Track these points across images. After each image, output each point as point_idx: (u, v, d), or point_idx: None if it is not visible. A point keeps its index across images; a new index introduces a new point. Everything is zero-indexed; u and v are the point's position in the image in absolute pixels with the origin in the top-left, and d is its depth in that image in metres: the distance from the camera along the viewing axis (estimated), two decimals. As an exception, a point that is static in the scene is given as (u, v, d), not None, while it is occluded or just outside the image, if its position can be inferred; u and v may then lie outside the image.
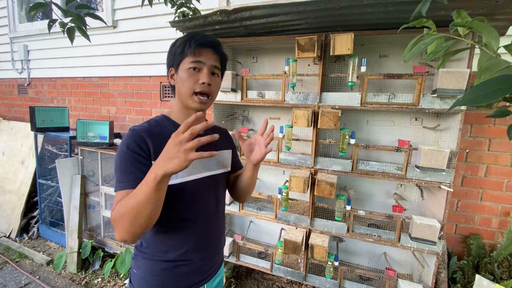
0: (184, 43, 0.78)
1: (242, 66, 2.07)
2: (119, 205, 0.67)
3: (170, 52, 0.83)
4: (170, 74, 0.84)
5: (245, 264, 1.98)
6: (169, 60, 0.83)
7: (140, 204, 0.63)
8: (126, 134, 0.76)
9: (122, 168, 0.72)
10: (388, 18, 1.35)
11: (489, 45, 0.53)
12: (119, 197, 0.69)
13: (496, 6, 1.13)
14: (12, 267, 2.34)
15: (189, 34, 0.81)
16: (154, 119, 0.83)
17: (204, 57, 0.79)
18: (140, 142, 0.73)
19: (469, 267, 1.73)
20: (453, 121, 1.47)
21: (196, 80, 0.78)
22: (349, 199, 1.63)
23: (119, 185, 0.71)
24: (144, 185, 0.62)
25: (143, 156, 0.73)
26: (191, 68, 0.78)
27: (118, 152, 0.74)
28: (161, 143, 0.70)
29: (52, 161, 2.71)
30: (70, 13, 1.15)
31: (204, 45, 0.79)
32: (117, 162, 0.73)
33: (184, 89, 0.79)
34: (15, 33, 3.47)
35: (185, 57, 0.78)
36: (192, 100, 0.79)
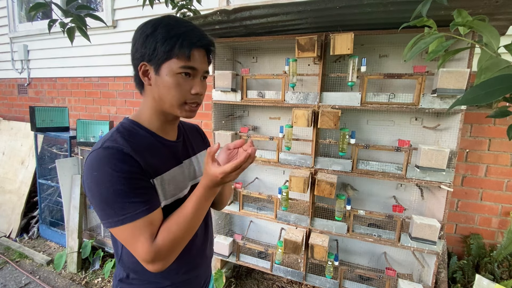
0: (174, 40, 0.63)
1: (242, 66, 2.07)
2: (165, 233, 0.61)
3: (146, 42, 0.64)
4: (142, 70, 0.66)
5: (245, 264, 1.98)
6: (143, 52, 0.65)
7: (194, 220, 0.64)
8: (100, 155, 0.60)
9: (127, 194, 0.59)
10: (388, 18, 1.35)
11: (490, 44, 0.53)
12: (140, 228, 0.59)
13: (496, 6, 1.13)
14: (12, 267, 2.34)
15: (175, 25, 0.64)
16: (123, 127, 0.68)
17: (198, 62, 0.66)
18: (130, 161, 0.61)
19: (469, 267, 1.73)
20: (453, 121, 1.47)
21: (188, 89, 0.66)
22: (349, 199, 1.63)
23: (134, 214, 0.59)
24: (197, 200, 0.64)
25: (141, 175, 0.62)
26: (181, 73, 0.64)
27: (105, 179, 0.58)
28: (147, 159, 0.65)
29: (52, 161, 2.71)
30: (71, 14, 1.15)
31: (200, 47, 0.66)
32: (113, 190, 0.58)
33: (170, 98, 0.65)
34: (15, 33, 3.47)
35: (173, 57, 0.63)
36: (180, 110, 0.68)
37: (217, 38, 1.82)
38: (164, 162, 0.71)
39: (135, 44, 0.67)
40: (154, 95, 0.67)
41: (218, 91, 1.81)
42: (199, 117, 2.52)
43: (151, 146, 0.69)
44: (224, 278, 2.00)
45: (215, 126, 1.94)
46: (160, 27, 0.63)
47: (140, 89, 0.72)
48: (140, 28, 0.66)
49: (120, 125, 0.69)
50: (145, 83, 0.68)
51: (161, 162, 0.69)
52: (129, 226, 0.59)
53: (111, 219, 0.59)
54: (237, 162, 0.59)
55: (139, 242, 0.59)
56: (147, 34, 0.64)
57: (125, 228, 0.59)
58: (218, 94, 1.84)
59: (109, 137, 0.64)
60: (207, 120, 2.49)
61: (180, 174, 0.75)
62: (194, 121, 2.58)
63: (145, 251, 0.59)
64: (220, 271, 2.03)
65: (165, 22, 0.64)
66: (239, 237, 1.98)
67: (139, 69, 0.67)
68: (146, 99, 0.71)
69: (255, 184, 2.17)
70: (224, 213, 2.05)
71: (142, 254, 0.59)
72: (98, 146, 0.62)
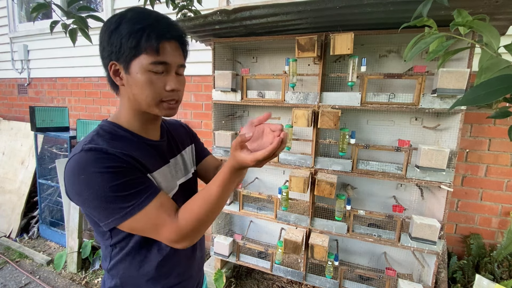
0: (140, 33, 0.57)
1: (242, 66, 2.07)
2: (186, 214, 0.60)
3: (111, 39, 0.59)
4: (112, 70, 0.62)
5: (245, 264, 1.98)
6: (109, 50, 0.60)
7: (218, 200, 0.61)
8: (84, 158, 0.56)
9: (124, 187, 0.56)
10: (388, 17, 1.35)
11: (490, 44, 0.53)
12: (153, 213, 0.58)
13: (496, 6, 1.13)
14: (12, 267, 2.34)
15: (142, 18, 0.58)
16: (103, 130, 0.64)
17: (170, 56, 0.60)
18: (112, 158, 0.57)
19: (469, 267, 1.73)
20: (453, 121, 1.47)
21: (161, 86, 0.61)
22: (349, 199, 1.63)
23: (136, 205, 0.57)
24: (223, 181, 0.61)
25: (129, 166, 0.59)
26: (152, 71, 0.59)
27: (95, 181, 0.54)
28: (133, 157, 0.61)
29: (52, 161, 2.71)
30: (72, 15, 1.15)
31: (170, 38, 0.60)
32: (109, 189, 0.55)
33: (145, 97, 0.61)
34: (15, 33, 3.47)
35: (142, 53, 0.58)
36: (158, 109, 0.63)
37: (217, 38, 1.82)
38: (152, 161, 0.68)
39: (101, 43, 0.62)
40: (129, 95, 0.63)
41: (218, 91, 1.81)
42: (199, 117, 2.52)
43: (137, 146, 0.66)
44: (224, 278, 2.00)
45: (215, 126, 1.94)
46: (124, 21, 0.58)
47: (114, 90, 0.67)
48: (104, 24, 0.61)
49: (99, 128, 0.65)
50: (118, 84, 0.63)
51: (149, 162, 0.66)
52: (139, 215, 0.57)
53: (117, 215, 0.56)
54: (270, 149, 0.54)
55: (159, 226, 0.58)
56: (111, 30, 0.59)
57: (135, 219, 0.57)
58: (218, 94, 1.84)
59: (89, 140, 0.60)
60: (207, 120, 2.48)
61: (168, 173, 0.73)
62: (194, 121, 2.60)
63: (170, 232, 0.58)
64: (220, 271, 2.03)
65: (129, 16, 0.59)
66: (239, 237, 1.98)
67: (109, 69, 0.62)
68: (122, 100, 0.66)
69: (255, 184, 2.17)
70: (224, 213, 2.05)
71: (167, 236, 0.58)
72: (78, 150, 0.58)
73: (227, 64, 2.02)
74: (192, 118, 2.55)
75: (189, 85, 2.47)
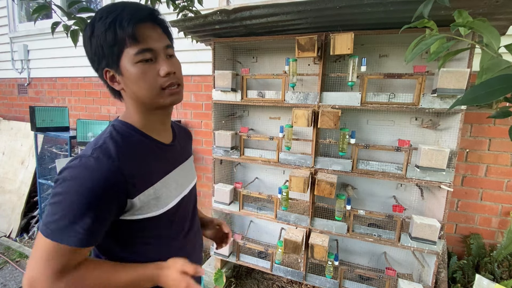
0: (113, 26, 0.55)
1: (242, 65, 2.07)
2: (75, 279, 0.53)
3: (93, 47, 0.58)
4: (108, 77, 0.61)
5: (245, 263, 1.98)
6: (97, 58, 0.59)
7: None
8: (86, 165, 0.54)
9: (80, 216, 0.52)
10: (388, 18, 1.35)
11: (490, 45, 0.53)
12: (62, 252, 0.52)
13: (496, 6, 1.13)
14: (12, 267, 2.34)
15: (108, 11, 0.56)
16: (116, 131, 0.62)
17: (151, 40, 0.58)
18: (113, 179, 0.55)
19: (469, 267, 1.74)
20: (453, 120, 1.47)
21: (155, 73, 0.59)
22: (349, 199, 1.63)
23: (69, 238, 0.52)
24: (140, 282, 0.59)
25: (116, 199, 0.56)
26: (140, 61, 0.57)
27: (74, 189, 0.52)
28: (141, 169, 0.60)
29: (52, 161, 2.71)
30: (73, 16, 1.15)
31: (142, 21, 0.57)
32: (70, 202, 0.52)
33: (144, 91, 0.59)
34: (15, 32, 3.47)
35: (124, 47, 0.56)
36: (162, 98, 0.61)
37: (217, 38, 1.82)
38: (160, 168, 0.67)
39: (87, 54, 0.61)
40: (131, 96, 0.62)
41: (218, 91, 1.81)
42: (199, 117, 2.52)
43: (146, 153, 0.64)
44: (224, 278, 2.00)
45: (215, 126, 1.94)
46: (95, 23, 0.57)
47: (117, 97, 0.66)
48: (84, 35, 0.60)
49: (113, 128, 0.63)
50: (118, 89, 0.63)
51: (156, 169, 0.66)
52: (53, 243, 0.51)
53: (45, 226, 0.52)
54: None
55: (46, 264, 0.51)
56: (89, 37, 0.58)
57: (47, 241, 0.51)
58: (218, 94, 1.84)
59: (101, 143, 0.58)
60: (207, 120, 2.49)
61: (174, 180, 0.71)
62: (194, 121, 2.59)
63: (42, 279, 0.50)
64: (220, 271, 2.03)
65: (98, 15, 0.57)
66: (239, 237, 1.98)
67: (105, 77, 0.61)
68: (128, 103, 0.65)
69: (255, 184, 2.17)
70: (224, 213, 2.05)
71: (36, 277, 0.51)
72: (88, 152, 0.56)
73: (227, 64, 2.02)
74: (192, 118, 2.55)
75: (189, 85, 2.47)
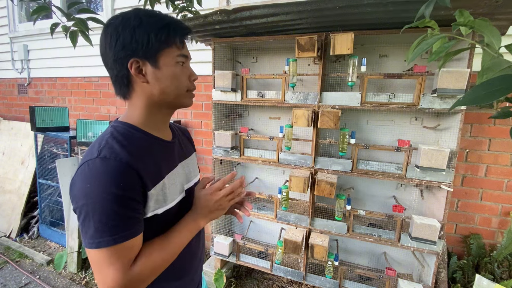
0: (167, 28, 0.61)
1: (242, 65, 2.07)
2: (144, 259, 0.59)
3: (137, 36, 0.59)
4: (134, 68, 0.60)
5: (245, 263, 1.98)
6: (133, 47, 0.59)
7: (178, 252, 0.64)
8: (97, 166, 0.55)
9: (114, 215, 0.54)
10: (388, 18, 1.35)
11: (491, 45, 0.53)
12: (118, 253, 0.55)
13: (496, 6, 1.13)
14: (12, 267, 2.34)
15: (158, 15, 0.63)
16: (117, 132, 0.62)
17: (187, 50, 0.68)
18: (128, 174, 0.56)
19: (469, 267, 1.74)
20: (453, 120, 1.47)
21: (187, 77, 0.67)
22: (349, 199, 1.63)
23: (116, 238, 0.54)
24: (184, 233, 0.66)
25: (137, 191, 0.57)
26: (179, 62, 0.65)
27: (96, 193, 0.53)
28: (148, 164, 0.61)
29: (52, 161, 2.71)
30: (73, 17, 1.15)
31: (187, 34, 0.67)
32: (100, 207, 0.53)
33: (174, 88, 0.65)
34: (15, 33, 3.47)
35: (168, 47, 0.62)
36: (185, 98, 0.69)
37: (217, 38, 1.82)
38: (164, 164, 0.68)
39: (117, 42, 0.59)
40: (153, 91, 0.63)
41: (218, 91, 1.81)
42: (199, 117, 2.52)
43: (150, 148, 0.65)
44: (224, 278, 2.00)
45: (215, 126, 1.94)
46: (144, 17, 0.60)
47: (124, 92, 0.65)
48: (119, 23, 0.60)
49: (113, 129, 0.63)
50: (139, 81, 0.62)
51: (161, 165, 0.67)
52: (105, 250, 0.54)
53: (91, 239, 0.54)
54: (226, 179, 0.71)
55: (111, 268, 0.54)
56: (134, 26, 0.59)
57: (102, 251, 0.54)
58: (218, 94, 1.84)
59: (104, 144, 0.58)
60: (207, 120, 2.48)
61: (178, 176, 0.73)
62: (194, 121, 2.59)
63: (117, 280, 0.54)
64: (220, 271, 2.03)
65: (144, 14, 0.61)
66: (239, 237, 1.98)
67: (129, 67, 0.60)
68: (139, 99, 0.65)
69: (255, 184, 2.17)
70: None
71: (110, 282, 0.54)
72: (94, 155, 0.56)
73: (227, 64, 2.02)
74: (192, 118, 2.55)
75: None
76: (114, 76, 0.64)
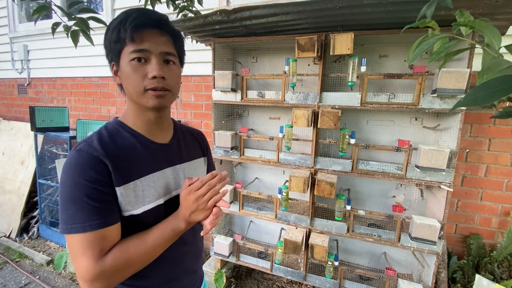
0: (118, 26, 0.60)
1: (242, 66, 2.07)
2: (119, 252, 0.58)
3: (105, 41, 0.65)
4: (113, 71, 0.67)
5: (245, 264, 1.98)
6: (107, 52, 0.66)
7: (156, 250, 0.62)
8: (72, 157, 0.58)
9: (83, 204, 0.56)
10: (388, 18, 1.35)
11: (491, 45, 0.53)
12: (90, 241, 0.55)
13: (496, 6, 1.13)
14: (12, 267, 2.34)
15: (124, 13, 0.62)
16: (106, 128, 0.67)
17: (149, 43, 0.61)
18: (97, 167, 0.58)
19: (469, 267, 1.74)
20: (453, 121, 1.47)
21: (143, 74, 0.62)
22: (349, 199, 1.63)
23: (86, 225, 0.55)
24: (166, 232, 0.63)
25: (105, 184, 0.59)
26: (133, 59, 0.61)
27: (68, 182, 0.57)
28: (121, 162, 0.62)
29: (52, 161, 2.71)
30: (74, 17, 1.15)
31: (145, 26, 0.61)
32: (70, 195, 0.56)
33: (131, 88, 0.63)
34: (15, 33, 3.47)
35: (124, 46, 0.61)
36: (145, 98, 0.63)
37: (217, 38, 1.82)
38: (144, 165, 0.66)
39: (104, 49, 0.67)
40: (126, 91, 0.67)
41: (218, 91, 1.81)
42: (199, 117, 2.52)
43: (131, 148, 0.66)
44: (224, 278, 2.00)
45: (215, 126, 1.94)
46: (112, 21, 0.63)
47: (122, 91, 0.70)
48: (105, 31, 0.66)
49: (104, 126, 0.68)
50: (118, 82, 0.68)
51: (139, 166, 0.65)
52: (77, 236, 0.55)
53: (63, 225, 0.56)
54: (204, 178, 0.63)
55: (83, 256, 0.55)
56: (106, 32, 0.65)
57: (73, 238, 0.56)
58: (218, 94, 1.84)
59: (86, 139, 0.63)
60: (207, 120, 2.48)
61: (161, 179, 0.69)
62: (194, 121, 2.59)
63: (88, 268, 0.55)
64: (220, 271, 2.03)
65: (116, 17, 0.63)
66: (239, 237, 1.98)
67: (111, 70, 0.68)
68: (127, 98, 0.69)
69: (255, 184, 2.17)
70: (224, 213, 2.05)
71: (83, 271, 0.55)
72: (74, 148, 0.61)
73: (227, 64, 2.02)
74: (192, 118, 2.55)
75: (189, 85, 2.47)
76: None
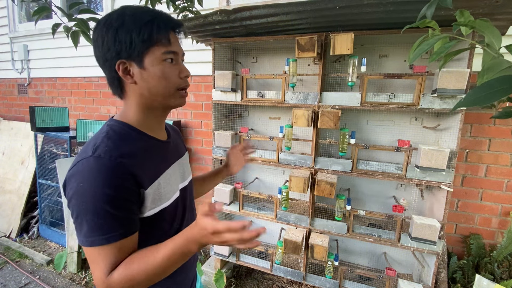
0: (150, 25, 0.59)
1: (242, 66, 2.07)
2: (126, 269, 0.55)
3: (119, 37, 0.58)
4: (121, 69, 0.60)
5: (245, 264, 1.98)
6: (117, 49, 0.59)
7: (166, 271, 0.58)
8: (91, 165, 0.54)
9: (105, 214, 0.54)
10: (388, 18, 1.35)
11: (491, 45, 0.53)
12: (106, 253, 0.55)
13: (496, 6, 1.13)
14: (12, 267, 2.34)
15: (141, 12, 0.60)
16: (113, 130, 0.62)
17: (177, 45, 0.64)
18: (123, 174, 0.56)
19: (469, 267, 1.74)
20: (453, 121, 1.47)
21: (176, 74, 0.64)
22: (349, 199, 1.63)
23: (105, 238, 0.54)
24: (173, 252, 0.56)
25: (131, 191, 0.57)
26: (167, 60, 0.61)
27: (89, 193, 0.53)
28: (142, 164, 0.61)
29: (52, 161, 2.71)
30: (74, 18, 1.15)
31: (175, 29, 0.63)
32: (93, 206, 0.53)
33: (162, 88, 0.62)
34: (15, 33, 3.47)
35: (154, 45, 0.59)
36: (175, 98, 0.65)
37: (217, 38, 1.82)
38: (160, 163, 0.68)
39: (103, 44, 0.60)
40: (142, 92, 0.63)
41: (218, 91, 1.81)
42: (199, 117, 2.52)
43: (146, 148, 0.65)
44: (224, 278, 2.00)
45: (215, 126, 1.94)
46: (128, 16, 0.59)
47: (118, 92, 0.65)
48: (103, 25, 0.60)
49: (109, 128, 0.63)
50: (128, 82, 0.62)
51: (157, 165, 0.67)
52: (95, 248, 0.55)
53: (82, 237, 0.55)
54: (233, 226, 0.52)
55: (98, 268, 0.55)
56: (116, 27, 0.58)
57: (92, 250, 0.55)
58: (218, 94, 1.84)
59: (99, 143, 0.58)
60: (207, 120, 2.48)
61: (172, 175, 0.72)
62: (194, 121, 2.59)
63: (99, 280, 0.55)
64: (220, 272, 2.03)
65: (129, 11, 0.60)
66: (239, 237, 1.98)
67: (117, 69, 0.60)
68: (131, 99, 0.65)
69: (255, 184, 2.17)
70: (224, 213, 2.04)
71: (96, 279, 0.56)
72: (89, 153, 0.56)
73: (227, 64, 2.02)
74: (192, 118, 2.55)
75: (189, 85, 2.47)
76: (107, 77, 0.65)
